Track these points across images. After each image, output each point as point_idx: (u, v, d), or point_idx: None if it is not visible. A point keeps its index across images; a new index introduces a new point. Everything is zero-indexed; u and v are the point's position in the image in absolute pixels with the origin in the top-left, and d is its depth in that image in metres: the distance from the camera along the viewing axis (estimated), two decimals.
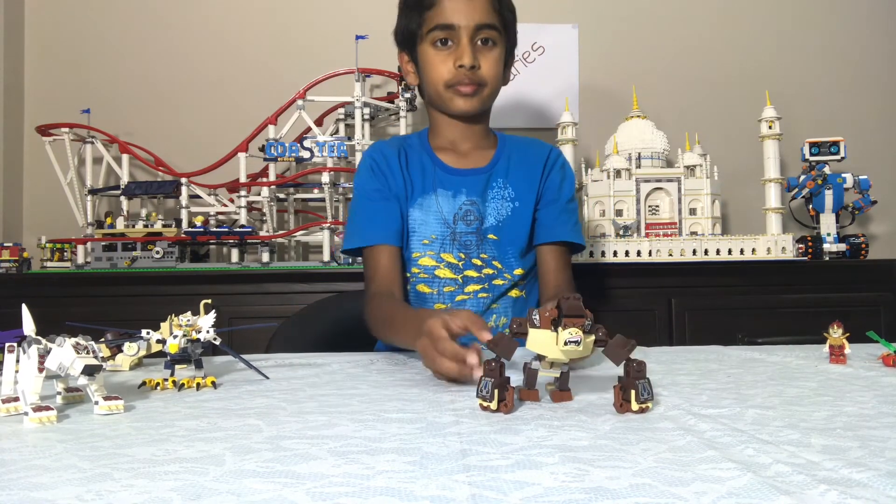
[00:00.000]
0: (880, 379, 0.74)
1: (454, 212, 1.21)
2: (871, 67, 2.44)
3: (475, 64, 1.15)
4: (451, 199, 1.21)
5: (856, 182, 2.03)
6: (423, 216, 1.21)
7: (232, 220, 2.03)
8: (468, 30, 1.15)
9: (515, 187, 1.23)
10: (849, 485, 0.39)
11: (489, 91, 1.19)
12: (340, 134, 2.07)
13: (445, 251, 1.20)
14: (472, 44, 1.15)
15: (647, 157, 1.93)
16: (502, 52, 1.20)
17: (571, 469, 0.42)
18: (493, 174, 1.23)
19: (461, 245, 1.20)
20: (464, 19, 1.15)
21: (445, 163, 1.24)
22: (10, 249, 1.87)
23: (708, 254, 1.83)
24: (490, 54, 1.17)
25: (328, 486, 0.39)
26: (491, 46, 1.17)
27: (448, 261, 1.20)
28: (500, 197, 1.22)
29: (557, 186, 1.26)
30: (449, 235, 1.20)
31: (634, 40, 2.38)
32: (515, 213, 1.22)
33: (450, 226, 1.21)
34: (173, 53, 2.30)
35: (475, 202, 1.21)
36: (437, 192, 1.22)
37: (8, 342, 0.62)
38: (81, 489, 0.40)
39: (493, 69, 1.18)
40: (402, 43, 1.24)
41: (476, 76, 1.16)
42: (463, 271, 1.20)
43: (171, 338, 0.76)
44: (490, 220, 1.21)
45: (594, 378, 0.78)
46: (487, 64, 1.17)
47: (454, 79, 1.16)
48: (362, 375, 0.82)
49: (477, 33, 1.16)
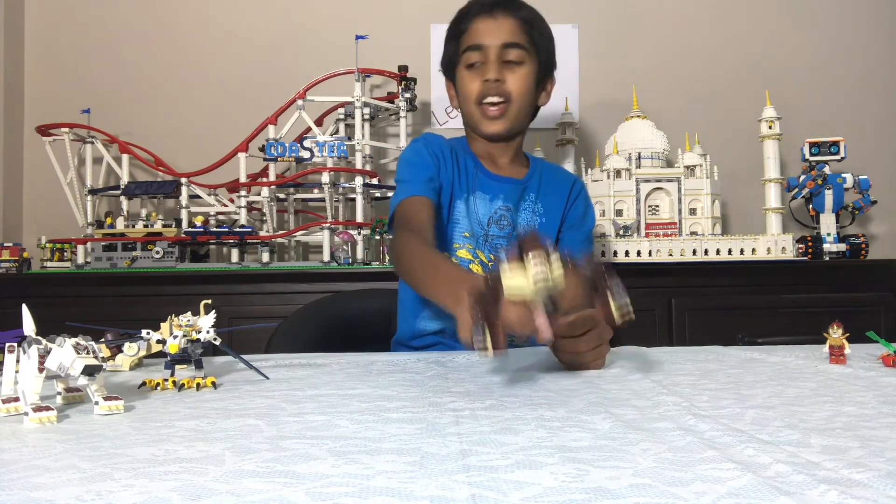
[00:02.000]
0: (880, 379, 0.74)
1: (489, 215, 1.25)
2: (870, 67, 2.44)
3: (500, 77, 1.19)
4: (487, 203, 1.26)
5: (856, 182, 2.03)
6: (464, 212, 1.25)
7: (232, 220, 2.03)
8: (495, 48, 1.20)
9: (545, 204, 1.28)
10: (849, 485, 0.39)
11: (516, 108, 1.22)
12: (340, 134, 2.07)
13: (479, 248, 1.24)
14: (500, 62, 1.20)
15: (647, 157, 1.93)
16: (532, 72, 1.22)
17: (571, 469, 0.42)
18: (528, 187, 1.28)
19: (492, 247, 1.24)
20: (490, 38, 1.20)
21: (486, 168, 1.28)
22: (10, 249, 1.87)
23: (708, 254, 1.83)
24: (518, 71, 1.21)
25: (328, 487, 0.39)
26: (518, 64, 1.21)
27: (481, 258, 1.24)
28: (531, 210, 1.28)
29: (581, 215, 1.31)
30: (482, 236, 1.24)
31: (634, 40, 2.38)
32: (542, 228, 1.27)
33: (483, 228, 1.25)
34: (173, 53, 2.30)
35: (510, 209, 1.26)
36: (475, 194, 1.26)
37: (8, 342, 0.62)
38: (81, 489, 0.40)
39: (519, 85, 1.21)
40: (446, 72, 1.31)
41: (501, 89, 1.20)
42: None
43: (171, 338, 0.76)
44: (520, 229, 1.26)
45: (594, 378, 0.78)
46: (514, 79, 1.20)
47: (482, 92, 1.21)
48: (362, 375, 0.82)
49: (504, 52, 1.20)
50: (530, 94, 1.24)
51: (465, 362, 0.92)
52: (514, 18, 1.21)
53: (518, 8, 1.24)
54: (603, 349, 0.85)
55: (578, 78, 2.34)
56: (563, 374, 0.82)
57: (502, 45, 1.20)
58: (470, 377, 0.80)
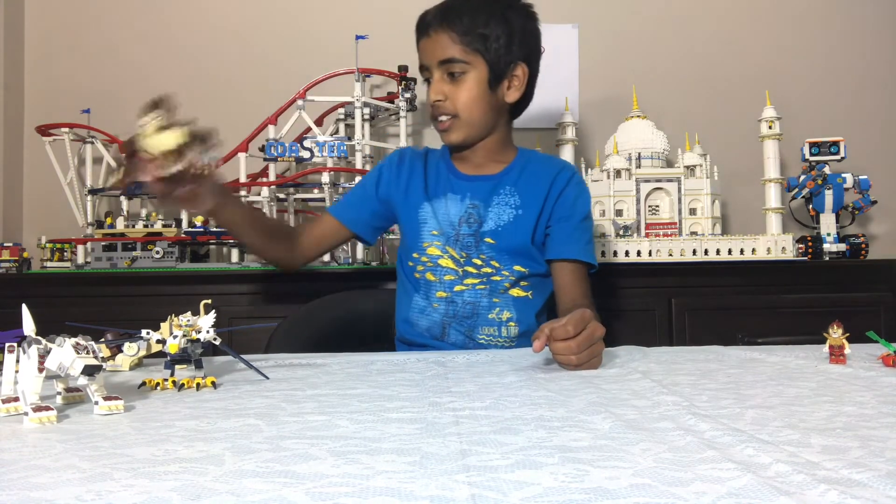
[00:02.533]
0: (880, 379, 0.74)
1: (460, 215, 1.28)
2: (871, 67, 2.44)
3: (440, 97, 1.24)
4: (458, 203, 1.29)
5: (856, 182, 2.03)
6: (433, 212, 1.30)
7: None
8: (435, 67, 1.24)
9: (522, 195, 1.28)
10: (849, 485, 0.39)
11: (465, 120, 1.25)
12: (340, 134, 2.07)
13: (450, 245, 1.28)
14: (444, 77, 1.24)
15: (647, 157, 1.93)
16: (479, 78, 1.23)
17: (571, 469, 0.42)
18: (502, 182, 1.30)
19: (463, 245, 1.27)
20: (429, 58, 1.25)
21: (459, 169, 1.32)
22: (10, 249, 1.87)
23: (708, 254, 1.83)
24: (459, 85, 1.23)
25: (328, 487, 0.39)
26: (459, 77, 1.23)
27: (451, 254, 1.27)
28: (505, 203, 1.28)
29: (571, 203, 1.29)
30: (454, 235, 1.28)
31: (634, 40, 2.38)
32: (517, 220, 1.27)
33: (455, 227, 1.28)
34: (173, 53, 2.30)
35: (477, 205, 1.28)
36: (447, 196, 1.30)
37: (8, 342, 0.62)
38: (81, 489, 0.40)
39: (464, 97, 1.23)
40: None
41: (445, 108, 1.24)
42: (463, 266, 1.27)
43: (171, 338, 0.76)
44: (489, 225, 1.26)
45: (594, 378, 0.78)
46: (457, 93, 1.23)
47: (432, 112, 1.27)
48: (362, 375, 0.82)
49: (443, 68, 1.24)
50: (481, 101, 1.24)
51: (464, 362, 0.92)
52: (448, 32, 1.22)
53: (454, 18, 1.22)
54: (597, 347, 0.86)
55: (578, 78, 2.34)
56: (562, 374, 0.82)
57: (439, 62, 1.23)
58: (470, 377, 0.80)
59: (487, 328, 1.26)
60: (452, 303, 1.26)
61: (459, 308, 1.26)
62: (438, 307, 1.27)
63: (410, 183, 1.33)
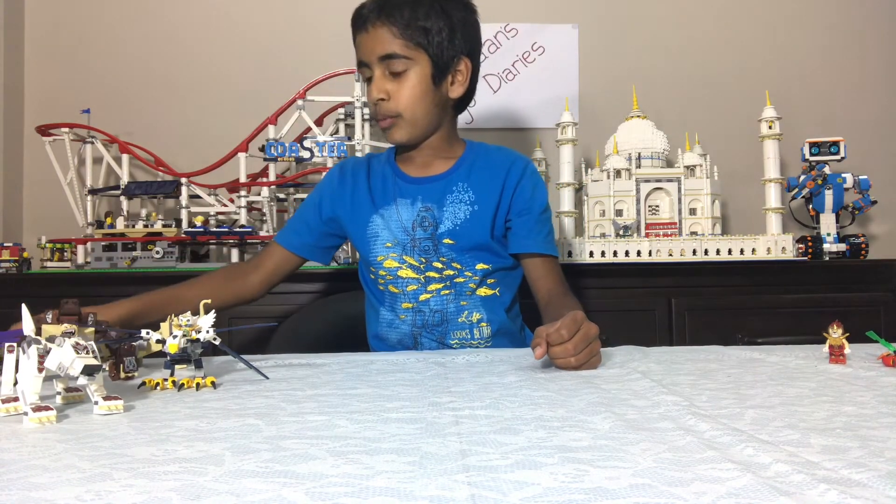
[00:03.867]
0: (880, 379, 0.74)
1: (413, 219, 1.24)
2: (871, 67, 2.44)
3: (382, 96, 1.18)
4: (409, 207, 1.25)
5: (856, 182, 2.03)
6: (384, 223, 1.25)
7: (232, 220, 2.03)
8: (375, 64, 1.18)
9: (476, 190, 1.25)
10: (849, 485, 0.39)
11: (409, 118, 1.20)
12: (340, 134, 2.07)
13: (407, 254, 1.24)
14: (385, 74, 1.18)
15: (647, 157, 1.93)
16: (421, 75, 1.18)
17: (571, 469, 0.42)
18: (452, 179, 1.26)
19: (420, 250, 1.23)
20: (367, 55, 1.18)
21: (406, 173, 1.28)
22: (10, 249, 1.87)
23: (708, 254, 1.83)
24: (402, 81, 1.18)
25: (328, 487, 0.39)
26: (401, 73, 1.17)
27: (410, 262, 1.23)
28: (459, 201, 1.24)
29: (529, 197, 1.26)
30: (409, 242, 1.24)
31: (634, 40, 2.38)
32: (474, 216, 1.23)
33: (409, 232, 1.24)
34: (173, 53, 2.30)
35: (430, 208, 1.24)
36: (396, 202, 1.26)
37: (8, 342, 0.62)
38: (81, 489, 0.40)
39: (405, 95, 1.18)
40: None
41: (387, 108, 1.19)
42: (424, 272, 1.23)
43: (171, 338, 0.76)
44: (446, 225, 1.23)
45: (594, 378, 0.78)
46: (398, 91, 1.18)
47: (373, 113, 1.22)
48: (362, 375, 0.82)
49: (383, 65, 1.17)
50: (424, 98, 1.19)
51: (464, 362, 0.92)
52: (387, 26, 1.16)
53: (394, 11, 1.16)
54: (594, 346, 0.86)
55: (578, 78, 2.34)
56: (562, 374, 0.82)
57: (378, 59, 1.17)
58: (470, 377, 0.80)
59: (459, 332, 1.23)
60: (420, 312, 1.23)
61: (428, 317, 1.23)
62: (406, 318, 1.24)
63: (355, 196, 1.29)
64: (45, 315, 0.66)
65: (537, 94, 2.31)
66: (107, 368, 0.80)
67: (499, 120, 2.31)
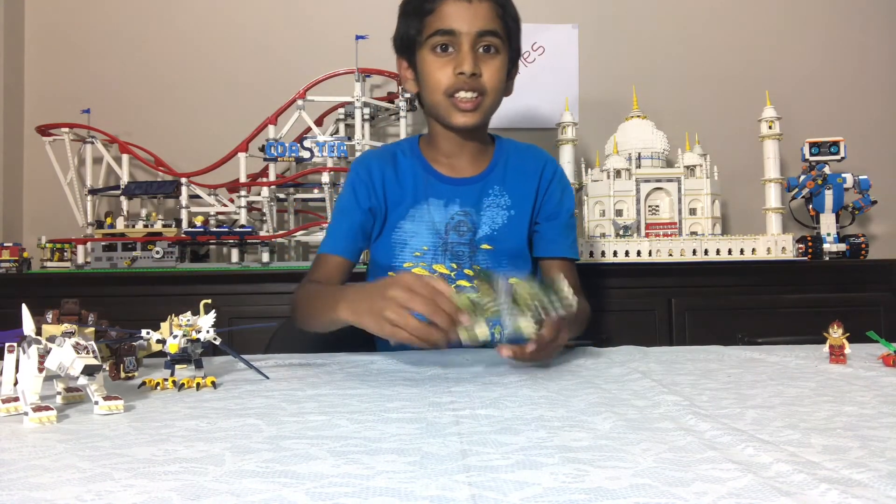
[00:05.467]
0: (880, 379, 0.74)
1: (446, 221, 1.19)
2: (870, 67, 2.43)
3: (476, 71, 1.10)
4: (442, 209, 1.19)
5: (856, 182, 2.03)
6: (414, 227, 1.19)
7: (232, 220, 2.03)
8: (469, 36, 1.10)
9: (512, 194, 1.22)
10: (849, 485, 0.39)
11: (490, 101, 1.15)
12: (340, 134, 2.07)
13: (437, 262, 1.19)
14: (474, 51, 1.11)
15: (647, 157, 1.93)
16: (505, 61, 1.15)
17: (571, 469, 0.42)
18: (489, 181, 1.22)
19: (453, 255, 1.19)
20: (465, 25, 1.10)
21: (438, 171, 1.22)
22: (10, 249, 1.87)
23: (708, 254, 1.83)
24: (492, 62, 1.13)
25: (328, 487, 0.39)
26: (493, 54, 1.13)
27: (440, 271, 1.18)
28: (496, 205, 1.21)
29: (558, 201, 1.25)
30: (441, 246, 1.19)
31: (634, 40, 2.37)
32: (511, 221, 1.21)
33: (441, 236, 1.19)
34: (173, 53, 2.30)
35: (468, 213, 1.20)
36: (428, 202, 1.20)
37: (8, 342, 0.62)
38: (81, 489, 0.40)
39: (494, 77, 1.13)
40: (401, 49, 1.20)
41: (477, 84, 1.12)
42: (455, 281, 1.18)
43: (171, 338, 0.76)
44: (484, 230, 1.19)
45: (595, 378, 0.78)
46: (489, 71, 1.12)
47: (453, 86, 1.12)
48: (362, 375, 0.82)
49: (478, 40, 1.11)
50: (503, 86, 1.16)
51: (464, 362, 0.92)
52: (492, 3, 1.12)
53: None
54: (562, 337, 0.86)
55: (578, 78, 2.34)
56: (563, 374, 0.82)
57: (477, 32, 1.10)
58: (470, 377, 0.80)
59: None
60: None
61: None
62: None
63: (387, 195, 1.21)
64: (46, 315, 0.66)
65: (537, 94, 2.30)
66: (107, 368, 0.80)
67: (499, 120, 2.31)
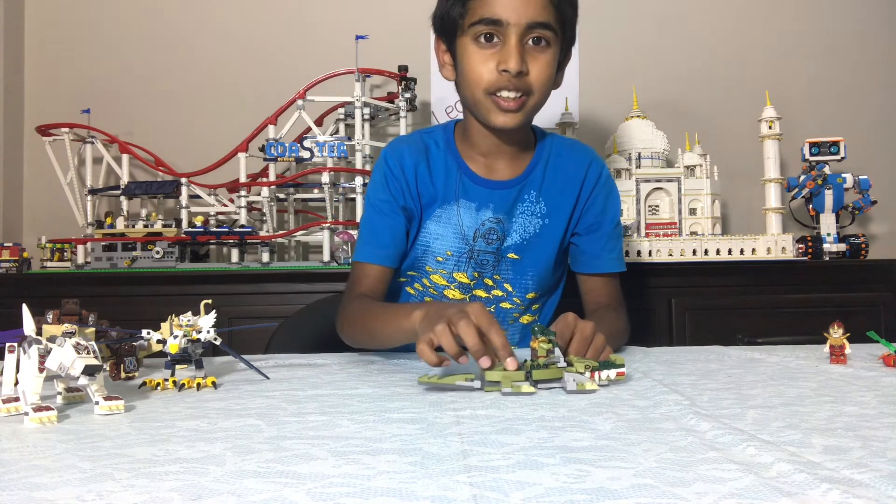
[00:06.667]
0: (881, 379, 0.74)
1: (475, 227, 1.10)
2: (871, 68, 2.43)
3: (522, 69, 0.98)
4: (473, 213, 1.10)
5: (856, 182, 2.03)
6: (440, 230, 1.11)
7: (232, 220, 2.03)
8: (518, 28, 0.98)
9: (548, 202, 1.12)
10: (850, 485, 0.39)
11: (535, 101, 1.03)
12: (340, 134, 2.07)
13: (459, 270, 1.12)
14: (521, 44, 0.99)
15: (647, 157, 1.93)
16: (556, 54, 1.03)
17: (572, 469, 0.42)
18: (526, 186, 1.11)
19: (477, 263, 1.11)
20: (514, 15, 0.98)
21: (473, 170, 1.11)
22: (10, 249, 1.87)
23: (708, 254, 1.83)
24: (542, 57, 1.01)
25: (329, 487, 0.39)
26: (543, 48, 1.01)
27: (460, 280, 1.12)
28: (530, 212, 1.12)
29: (600, 210, 1.14)
30: (466, 253, 1.11)
31: (634, 40, 2.37)
32: (544, 231, 1.12)
33: (469, 242, 1.11)
34: (173, 53, 2.30)
35: (501, 220, 1.10)
36: (459, 203, 1.10)
37: (8, 342, 0.62)
38: (82, 489, 0.40)
39: (543, 75, 1.01)
40: (441, 30, 1.07)
41: (522, 83, 1.00)
42: (472, 290, 1.13)
43: (172, 338, 0.76)
44: (513, 238, 1.11)
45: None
46: (538, 69, 1.00)
47: (495, 84, 1.00)
48: (362, 375, 0.82)
49: (528, 33, 0.99)
50: (551, 83, 1.04)
51: (465, 364, 0.92)
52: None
53: None
54: (597, 342, 0.81)
55: (578, 78, 2.34)
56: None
57: (527, 24, 0.98)
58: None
59: None
60: None
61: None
62: None
63: (422, 194, 1.11)
64: (46, 315, 0.66)
65: None
66: (107, 368, 0.80)
67: None
